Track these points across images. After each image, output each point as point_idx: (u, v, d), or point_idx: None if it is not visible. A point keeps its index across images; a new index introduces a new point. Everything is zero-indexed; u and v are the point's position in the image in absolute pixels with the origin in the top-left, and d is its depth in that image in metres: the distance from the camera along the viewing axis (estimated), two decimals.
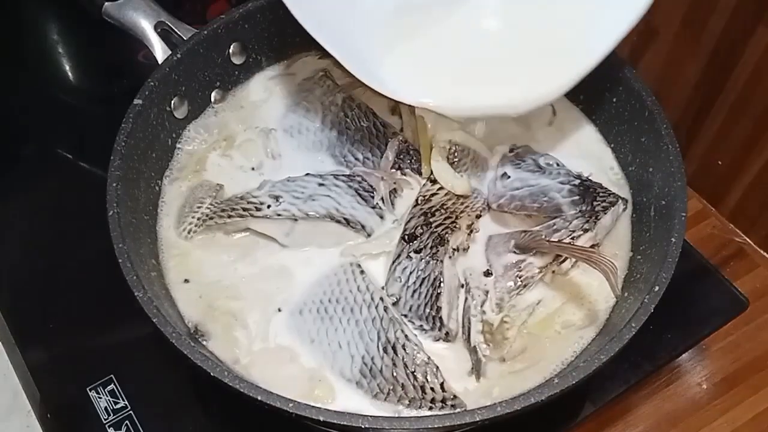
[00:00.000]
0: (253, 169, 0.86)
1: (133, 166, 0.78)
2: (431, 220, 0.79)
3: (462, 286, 0.77)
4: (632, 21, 0.75)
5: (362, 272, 0.76)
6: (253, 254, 0.79)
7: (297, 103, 0.90)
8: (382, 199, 0.82)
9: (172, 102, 0.85)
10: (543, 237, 0.77)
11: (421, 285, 0.75)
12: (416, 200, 0.81)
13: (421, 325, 0.74)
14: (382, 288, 0.76)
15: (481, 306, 0.76)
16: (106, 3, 0.90)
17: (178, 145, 0.87)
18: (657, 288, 0.68)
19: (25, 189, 1.00)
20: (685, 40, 1.00)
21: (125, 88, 0.85)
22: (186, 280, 0.77)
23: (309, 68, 0.93)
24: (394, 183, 0.83)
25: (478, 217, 0.81)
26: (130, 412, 0.81)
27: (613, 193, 0.81)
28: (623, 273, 0.79)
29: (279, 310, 0.76)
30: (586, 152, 0.88)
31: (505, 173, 0.83)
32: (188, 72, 0.86)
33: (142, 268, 0.72)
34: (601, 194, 0.80)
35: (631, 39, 1.08)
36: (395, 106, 0.90)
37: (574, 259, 0.77)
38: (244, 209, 0.79)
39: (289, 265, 0.79)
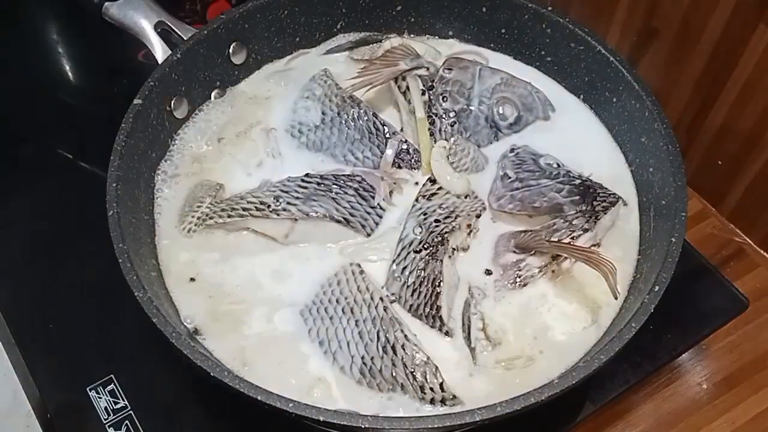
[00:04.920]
0: (252, 168, 0.86)
1: (133, 166, 0.78)
2: (431, 219, 0.79)
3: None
4: None
5: (362, 272, 0.76)
6: (253, 254, 0.79)
7: (297, 102, 0.90)
8: (383, 199, 0.82)
9: (172, 102, 0.85)
10: (543, 237, 0.77)
11: (421, 284, 0.75)
12: (416, 200, 0.81)
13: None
14: (382, 288, 0.76)
15: (481, 305, 0.76)
16: (106, 3, 0.90)
17: (178, 145, 0.87)
18: (657, 288, 0.68)
19: (25, 189, 1.01)
20: (685, 40, 1.00)
21: (125, 88, 0.85)
22: (192, 279, 0.78)
23: (309, 68, 0.94)
24: (394, 182, 0.83)
25: (478, 216, 0.81)
26: (130, 412, 0.81)
27: (613, 193, 0.81)
28: (630, 275, 0.79)
29: (279, 310, 0.76)
30: (589, 151, 0.88)
31: (505, 174, 0.83)
32: (188, 72, 0.86)
33: (142, 268, 0.72)
34: (601, 194, 0.80)
35: (631, 39, 1.08)
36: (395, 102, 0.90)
37: (573, 259, 0.77)
38: (244, 209, 0.79)
39: (289, 265, 0.79)
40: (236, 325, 0.75)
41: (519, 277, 0.77)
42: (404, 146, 0.86)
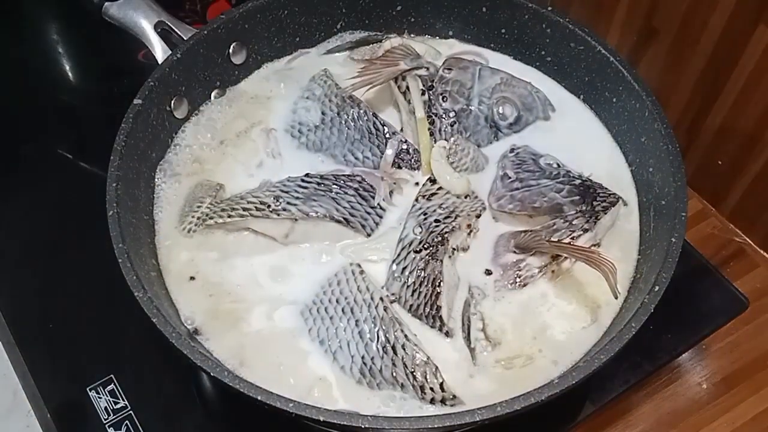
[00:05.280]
0: (253, 168, 0.86)
1: (133, 166, 0.78)
2: (431, 219, 0.79)
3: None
4: None
5: (362, 272, 0.76)
6: (253, 254, 0.79)
7: (297, 103, 0.90)
8: (383, 199, 0.82)
9: (172, 102, 0.85)
10: (543, 237, 0.77)
11: (421, 284, 0.75)
12: (416, 200, 0.81)
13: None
14: (382, 288, 0.76)
15: (481, 305, 0.76)
16: (106, 3, 0.90)
17: (178, 145, 0.87)
18: (657, 288, 0.68)
19: (25, 189, 1.01)
20: (685, 40, 1.00)
21: (125, 88, 0.85)
22: (192, 278, 0.78)
23: (309, 68, 0.94)
24: (394, 182, 0.83)
25: (478, 216, 0.81)
26: (130, 412, 0.81)
27: (613, 193, 0.81)
28: (630, 275, 0.79)
29: (278, 310, 0.76)
30: (589, 151, 0.88)
31: (505, 174, 0.83)
32: (188, 72, 0.86)
33: (142, 268, 0.72)
34: (601, 194, 0.80)
35: (631, 39, 1.08)
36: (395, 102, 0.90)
37: (573, 259, 0.77)
38: (244, 209, 0.79)
39: (288, 265, 0.79)
40: (235, 324, 0.75)
41: (519, 277, 0.77)
42: (404, 146, 0.86)
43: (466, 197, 0.82)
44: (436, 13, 0.96)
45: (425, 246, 0.77)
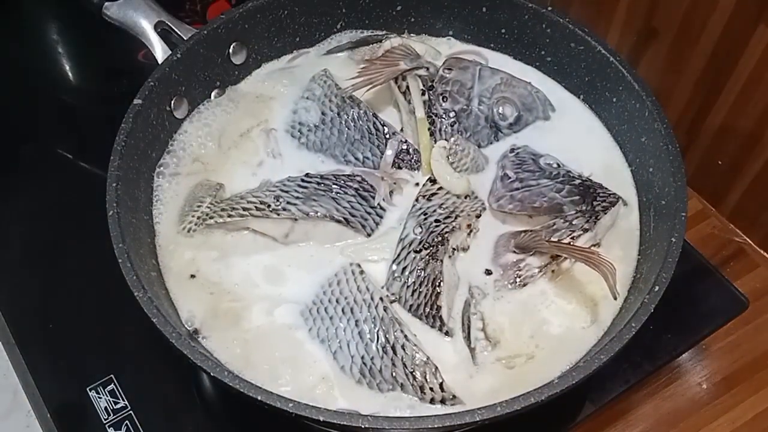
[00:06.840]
0: (253, 168, 0.86)
1: (133, 166, 0.78)
2: (431, 219, 0.79)
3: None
4: None
5: (362, 272, 0.76)
6: (253, 253, 0.79)
7: (297, 103, 0.90)
8: (383, 199, 0.82)
9: (172, 102, 0.85)
10: (543, 237, 0.77)
11: (421, 284, 0.75)
12: (416, 200, 0.81)
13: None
14: (382, 288, 0.76)
15: (481, 305, 0.76)
16: (106, 3, 0.90)
17: (178, 145, 0.87)
18: (657, 288, 0.68)
19: (25, 189, 1.01)
20: (685, 40, 1.00)
21: (125, 88, 0.85)
22: (192, 276, 0.77)
23: (309, 68, 0.94)
24: (394, 183, 0.83)
25: (478, 216, 0.81)
26: (130, 412, 0.81)
27: (613, 193, 0.81)
28: (630, 275, 0.79)
29: (278, 310, 0.76)
30: (589, 151, 0.88)
31: (505, 174, 0.83)
32: (188, 72, 0.86)
33: (142, 268, 0.72)
34: (601, 194, 0.80)
35: (631, 39, 1.08)
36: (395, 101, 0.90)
37: (573, 259, 0.77)
38: (244, 209, 0.79)
39: (288, 265, 0.79)
40: (235, 324, 0.75)
41: (519, 277, 0.77)
42: (404, 146, 0.86)
43: (466, 197, 0.82)
44: (436, 13, 0.96)
45: (425, 246, 0.77)
